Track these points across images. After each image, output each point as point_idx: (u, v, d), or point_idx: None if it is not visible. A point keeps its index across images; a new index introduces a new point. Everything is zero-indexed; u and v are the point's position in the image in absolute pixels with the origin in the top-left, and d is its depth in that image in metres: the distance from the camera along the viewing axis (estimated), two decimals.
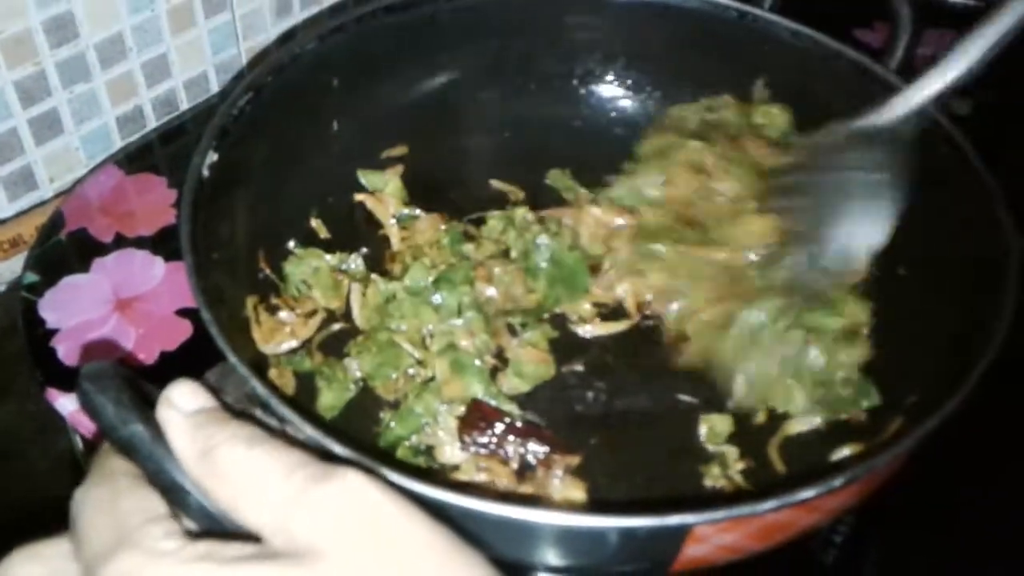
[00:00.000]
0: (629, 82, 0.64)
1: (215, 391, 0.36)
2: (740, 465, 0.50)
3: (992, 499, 0.55)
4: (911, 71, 0.54)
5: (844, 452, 0.48)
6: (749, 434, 0.51)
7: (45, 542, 0.34)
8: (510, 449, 0.47)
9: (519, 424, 0.48)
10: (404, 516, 0.30)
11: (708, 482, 0.48)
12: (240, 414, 0.35)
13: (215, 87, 0.79)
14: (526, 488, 0.46)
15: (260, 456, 0.31)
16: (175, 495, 0.33)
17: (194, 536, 0.31)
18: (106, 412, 0.34)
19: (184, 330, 0.58)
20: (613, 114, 0.65)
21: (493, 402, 0.50)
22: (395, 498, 0.30)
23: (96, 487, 0.33)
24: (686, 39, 0.60)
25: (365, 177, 0.60)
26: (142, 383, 0.36)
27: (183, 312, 0.59)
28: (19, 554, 0.33)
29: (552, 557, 0.38)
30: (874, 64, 0.55)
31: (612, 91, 0.65)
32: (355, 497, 0.30)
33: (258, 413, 0.37)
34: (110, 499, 0.32)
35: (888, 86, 0.54)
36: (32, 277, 0.61)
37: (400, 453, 0.48)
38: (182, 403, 0.33)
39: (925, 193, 0.52)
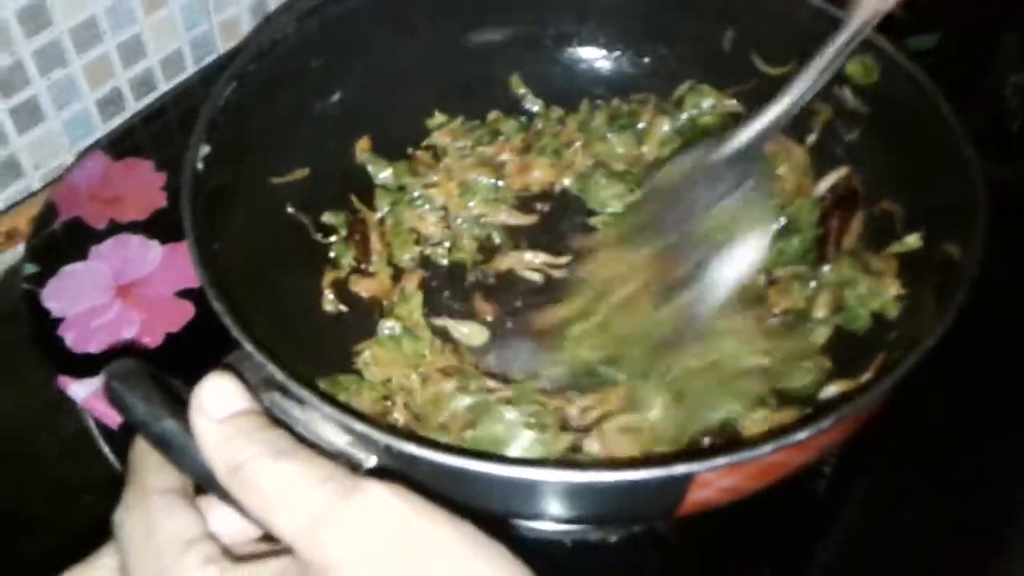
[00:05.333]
0: (602, 40, 0.66)
1: (237, 373, 0.38)
2: None
3: (974, 429, 0.58)
4: None
5: (831, 390, 0.51)
6: None
7: (91, 564, 0.36)
8: None
9: None
10: (425, 523, 0.32)
11: None
12: (268, 414, 0.37)
13: (191, 64, 0.79)
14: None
15: (288, 470, 0.33)
16: (210, 484, 0.35)
17: (232, 557, 0.34)
18: (137, 409, 0.35)
19: (187, 311, 0.60)
20: (589, 74, 0.66)
21: None
22: (416, 506, 0.32)
23: (132, 510, 0.35)
24: None
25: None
26: (166, 377, 0.38)
27: (183, 293, 0.61)
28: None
29: (566, 511, 0.41)
30: (839, 11, 0.56)
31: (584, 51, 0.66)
32: (379, 510, 0.31)
33: (276, 396, 0.39)
34: (146, 524, 0.35)
35: None
36: (31, 268, 0.62)
37: None
38: (212, 408, 0.35)
39: (892, 135, 0.54)
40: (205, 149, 0.49)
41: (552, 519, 0.42)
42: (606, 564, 0.52)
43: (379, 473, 0.37)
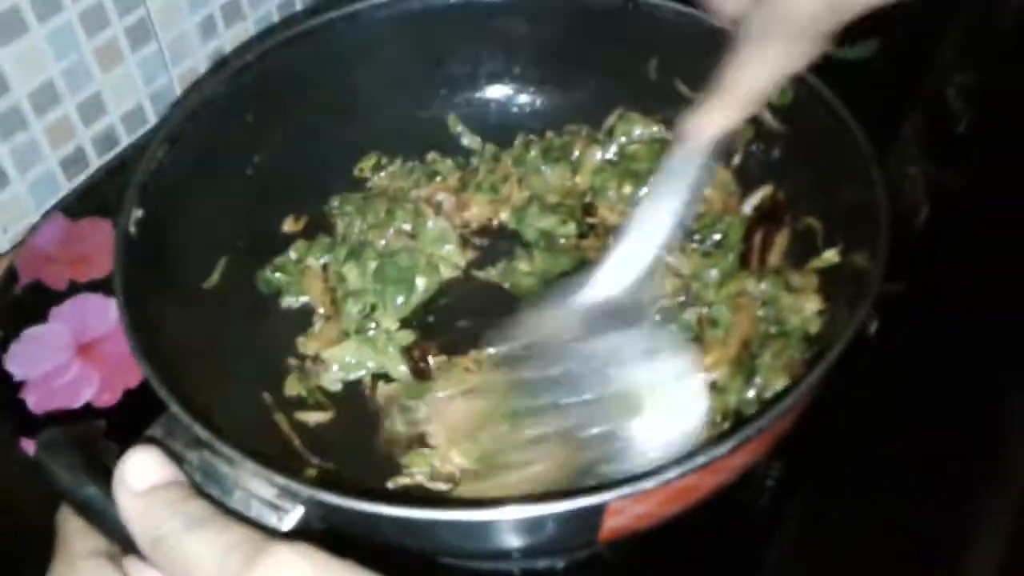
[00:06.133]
0: (534, 76, 0.68)
1: (161, 443, 0.40)
2: None
3: (908, 442, 0.59)
4: None
5: None
6: None
7: None
8: None
9: None
10: None
11: None
12: (201, 473, 0.39)
13: (152, 117, 0.81)
14: None
15: (201, 541, 0.35)
16: (132, 548, 0.36)
17: None
18: (60, 477, 0.37)
19: None
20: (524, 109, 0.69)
21: None
22: (318, 564, 0.33)
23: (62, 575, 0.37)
24: (578, 29, 0.63)
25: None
26: (95, 445, 0.40)
27: None
28: None
29: (489, 546, 0.42)
30: None
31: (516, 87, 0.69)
32: (284, 571, 0.33)
33: (205, 454, 0.41)
34: None
35: None
36: None
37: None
38: (134, 481, 0.36)
39: (809, 153, 0.56)
40: (138, 213, 0.51)
41: (482, 555, 0.44)
42: None
43: (305, 527, 0.39)
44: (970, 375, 0.62)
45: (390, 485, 0.52)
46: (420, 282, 0.60)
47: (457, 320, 0.61)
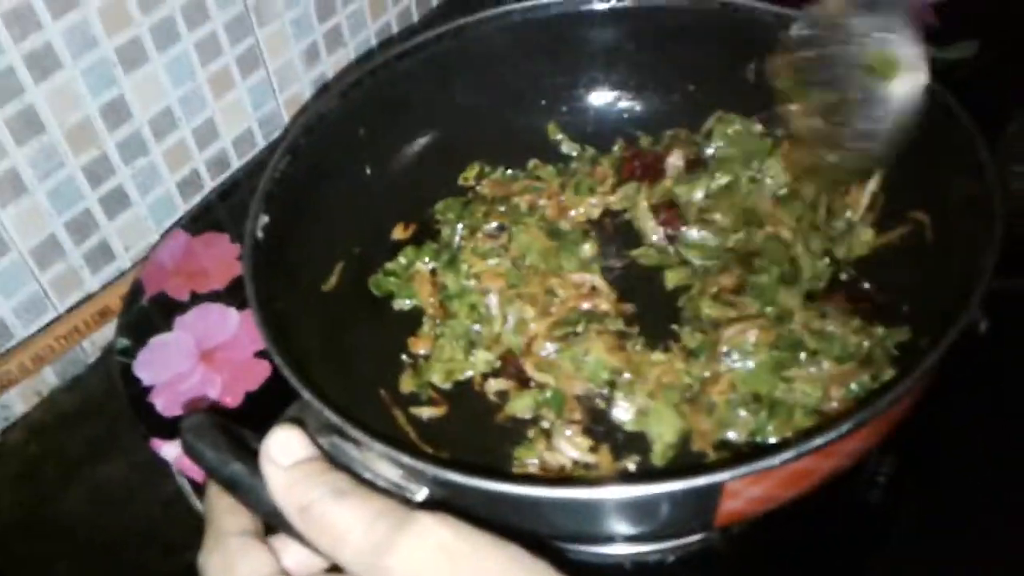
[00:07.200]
0: (632, 83, 0.69)
1: (299, 423, 0.42)
2: None
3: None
4: None
5: None
6: None
7: None
8: None
9: None
10: (470, 547, 0.35)
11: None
12: (330, 457, 0.40)
13: (261, 140, 0.85)
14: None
15: (348, 509, 0.36)
16: (279, 522, 0.38)
17: None
18: (207, 456, 0.40)
19: (264, 370, 0.65)
20: (623, 115, 0.70)
21: None
22: (460, 532, 0.35)
23: (212, 553, 0.40)
24: (677, 35, 0.65)
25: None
26: (234, 427, 0.42)
27: (260, 354, 0.66)
28: None
29: (605, 528, 0.43)
30: None
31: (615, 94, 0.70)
32: (429, 538, 0.35)
33: (335, 439, 0.43)
34: (225, 565, 0.39)
35: None
36: (124, 342, 0.67)
37: None
38: (280, 456, 0.39)
39: (916, 144, 0.56)
40: (264, 219, 0.54)
41: (596, 538, 0.45)
42: None
43: (433, 503, 0.41)
44: None
45: None
46: None
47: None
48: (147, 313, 0.69)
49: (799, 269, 0.59)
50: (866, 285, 0.59)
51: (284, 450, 0.39)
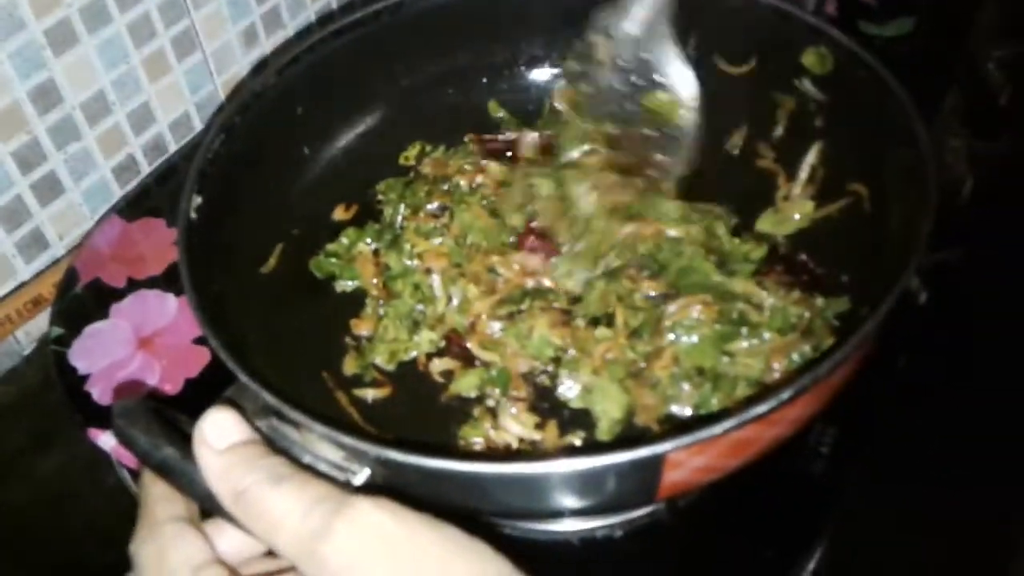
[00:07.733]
0: None
1: (236, 406, 0.41)
2: None
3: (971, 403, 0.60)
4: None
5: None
6: None
7: None
8: None
9: None
10: (408, 529, 0.35)
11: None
12: (268, 441, 0.39)
13: (198, 124, 0.83)
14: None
15: (285, 495, 0.36)
16: (213, 507, 0.38)
17: None
18: (139, 441, 0.39)
19: (203, 357, 0.64)
20: None
21: None
22: (398, 514, 0.35)
23: (145, 540, 0.39)
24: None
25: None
26: (168, 411, 0.41)
27: (199, 340, 0.64)
28: None
29: (548, 504, 0.43)
30: (793, 9, 0.59)
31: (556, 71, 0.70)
32: (367, 523, 0.34)
33: (274, 421, 0.42)
34: (159, 553, 0.38)
35: (810, 28, 0.58)
36: (58, 330, 0.66)
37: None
38: (214, 439, 0.38)
39: (852, 120, 0.56)
40: (197, 200, 0.53)
41: (542, 514, 0.45)
42: (615, 557, 0.54)
43: (374, 486, 0.40)
44: None
45: None
46: None
47: None
48: (82, 300, 0.68)
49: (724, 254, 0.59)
50: (804, 257, 0.60)
51: (219, 433, 0.38)
